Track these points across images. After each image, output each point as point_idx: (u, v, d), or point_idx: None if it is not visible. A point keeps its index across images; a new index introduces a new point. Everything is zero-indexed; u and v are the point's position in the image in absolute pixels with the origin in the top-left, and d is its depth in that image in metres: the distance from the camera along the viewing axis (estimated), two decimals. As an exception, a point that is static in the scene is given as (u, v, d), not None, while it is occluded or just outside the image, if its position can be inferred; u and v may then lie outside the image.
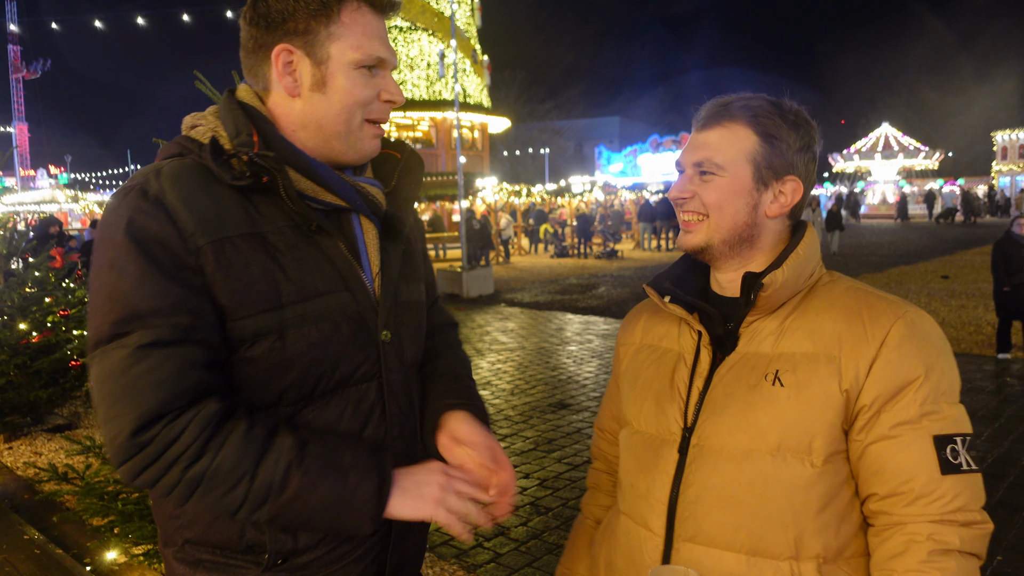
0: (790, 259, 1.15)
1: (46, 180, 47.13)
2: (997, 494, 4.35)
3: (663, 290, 1.26)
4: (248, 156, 1.07)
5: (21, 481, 4.89)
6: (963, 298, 11.61)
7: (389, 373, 1.19)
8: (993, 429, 5.46)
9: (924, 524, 1.05)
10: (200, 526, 1.14)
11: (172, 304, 1.01)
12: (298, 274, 1.10)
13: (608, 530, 1.34)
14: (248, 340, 1.07)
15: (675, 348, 1.26)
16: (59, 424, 6.08)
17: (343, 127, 1.15)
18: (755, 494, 1.11)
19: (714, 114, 1.19)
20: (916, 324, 1.12)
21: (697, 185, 1.19)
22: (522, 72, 49.59)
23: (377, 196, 1.21)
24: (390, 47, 1.17)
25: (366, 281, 1.17)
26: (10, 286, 5.79)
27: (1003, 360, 7.60)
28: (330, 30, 1.11)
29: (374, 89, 1.15)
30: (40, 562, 3.65)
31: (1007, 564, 3.55)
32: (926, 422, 1.07)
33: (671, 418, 1.20)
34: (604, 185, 29.81)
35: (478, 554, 3.78)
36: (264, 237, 1.09)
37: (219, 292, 1.05)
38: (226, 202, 1.08)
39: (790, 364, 1.12)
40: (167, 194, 1.05)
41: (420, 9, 26.73)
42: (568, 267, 19.26)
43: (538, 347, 9.09)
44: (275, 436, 1.05)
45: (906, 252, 19.88)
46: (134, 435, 0.98)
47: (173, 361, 1.00)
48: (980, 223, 33.23)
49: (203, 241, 1.04)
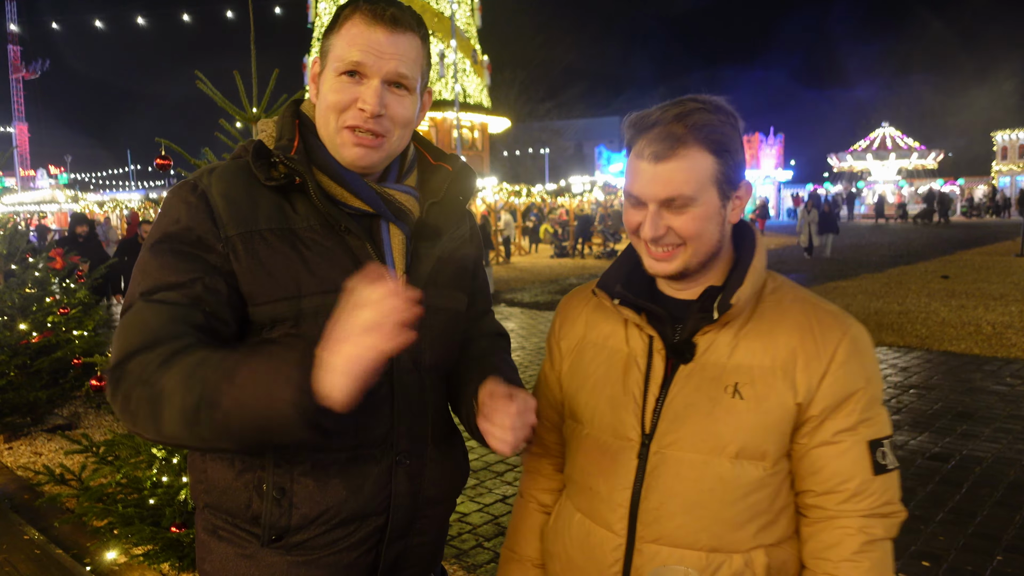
0: (750, 275, 1.20)
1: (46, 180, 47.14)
2: (996, 494, 4.35)
3: (613, 293, 1.27)
4: (280, 159, 1.19)
5: (21, 481, 4.89)
6: (963, 298, 11.61)
7: (401, 373, 1.24)
8: (993, 429, 5.46)
9: (856, 518, 1.16)
10: (216, 492, 1.24)
11: (190, 279, 1.13)
12: (321, 268, 1.18)
13: (562, 526, 1.35)
14: (267, 324, 1.17)
15: (624, 349, 1.28)
16: (59, 424, 6.07)
17: (324, 131, 1.23)
18: (715, 498, 1.17)
19: (666, 143, 1.13)
20: (858, 339, 1.20)
21: (669, 220, 1.16)
22: (522, 72, 49.62)
23: (406, 203, 1.27)
24: (377, 57, 1.17)
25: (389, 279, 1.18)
26: (10, 286, 5.79)
27: (1003, 360, 7.60)
28: (332, 40, 1.21)
29: (350, 96, 1.19)
30: (40, 562, 3.65)
31: (1007, 564, 3.55)
32: (862, 428, 1.17)
33: (628, 425, 1.23)
34: (604, 185, 29.81)
35: (478, 554, 3.78)
36: (295, 232, 1.19)
37: (243, 278, 1.16)
38: (264, 200, 1.20)
39: (748, 377, 1.18)
40: (212, 188, 1.19)
41: (420, 9, 26.72)
42: (568, 267, 19.26)
43: (538, 347, 9.08)
44: (217, 350, 1.04)
45: (906, 252, 19.88)
46: (115, 368, 1.08)
47: (168, 314, 1.10)
48: (955, 223, 33.32)
49: (233, 232, 1.16)
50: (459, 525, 4.13)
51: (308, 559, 1.22)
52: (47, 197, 33.81)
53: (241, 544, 1.22)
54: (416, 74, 1.22)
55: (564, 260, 21.59)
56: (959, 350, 8.14)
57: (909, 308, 10.86)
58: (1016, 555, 3.64)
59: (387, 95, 1.19)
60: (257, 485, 1.20)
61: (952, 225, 32.45)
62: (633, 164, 1.18)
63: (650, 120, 1.16)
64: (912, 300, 11.57)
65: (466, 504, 4.42)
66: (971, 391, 6.48)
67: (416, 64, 1.22)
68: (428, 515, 1.33)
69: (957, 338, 8.74)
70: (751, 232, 1.27)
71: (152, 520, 3.03)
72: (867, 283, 13.69)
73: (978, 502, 4.24)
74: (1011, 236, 22.73)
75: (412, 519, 1.30)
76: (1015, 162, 45.91)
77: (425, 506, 1.32)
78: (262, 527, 1.20)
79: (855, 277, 14.57)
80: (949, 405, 6.05)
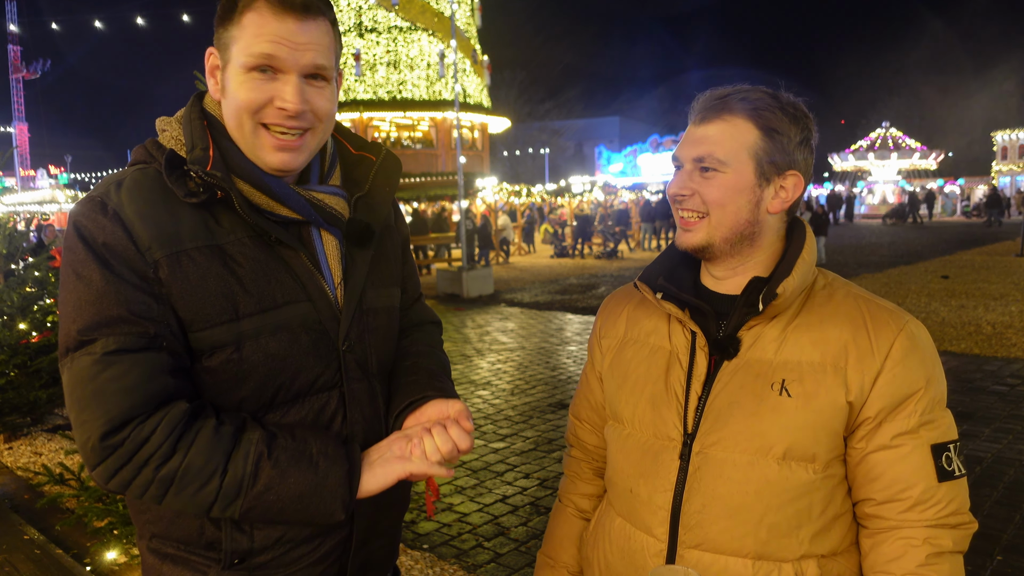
0: (798, 265, 1.14)
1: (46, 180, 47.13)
2: (996, 494, 4.35)
3: (656, 286, 1.24)
4: (197, 174, 1.08)
5: (21, 481, 4.89)
6: (963, 298, 11.61)
7: (351, 382, 1.19)
8: (993, 429, 5.46)
9: (920, 529, 1.09)
10: (164, 522, 1.16)
11: (135, 313, 1.03)
12: (256, 285, 1.10)
13: (602, 531, 1.32)
14: (206, 351, 1.09)
15: (666, 346, 1.24)
16: (59, 424, 6.07)
17: (238, 133, 1.12)
18: (762, 502, 1.11)
19: (712, 107, 1.15)
20: (916, 336, 1.13)
21: (698, 182, 1.16)
22: (522, 72, 49.69)
23: (336, 206, 1.19)
24: (292, 49, 1.07)
25: (328, 290, 1.17)
26: (10, 286, 5.79)
27: (1003, 360, 7.60)
28: (231, 32, 1.09)
29: (265, 94, 1.08)
30: (40, 562, 3.64)
31: (1007, 564, 3.55)
32: (924, 432, 1.11)
33: (670, 423, 1.19)
34: (604, 185, 29.78)
35: (478, 554, 3.78)
36: (223, 249, 1.10)
37: (177, 304, 1.07)
38: (184, 215, 1.09)
39: (796, 373, 1.12)
40: (125, 208, 1.06)
41: (420, 9, 26.72)
42: (568, 267, 19.25)
43: (538, 347, 9.09)
44: (243, 431, 1.07)
45: (906, 252, 19.88)
46: (103, 439, 1.01)
47: (140, 367, 1.02)
48: (929, 224, 33.02)
49: (159, 254, 1.05)
50: (459, 525, 4.13)
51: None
52: (47, 197, 33.75)
53: (197, 568, 1.15)
54: (332, 62, 1.13)
55: (564, 260, 21.57)
56: (959, 350, 8.14)
57: (909, 308, 10.85)
58: (1016, 555, 3.64)
59: (307, 89, 1.10)
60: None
61: (924, 226, 31.80)
62: (687, 130, 1.20)
63: (707, 94, 1.18)
64: (912, 300, 11.57)
65: (466, 504, 4.42)
66: (971, 391, 6.49)
67: (331, 51, 1.13)
68: (388, 517, 1.31)
69: (957, 338, 8.74)
70: (802, 227, 1.22)
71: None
72: (867, 283, 13.68)
73: (978, 502, 4.24)
74: (1011, 236, 22.75)
75: (374, 525, 1.26)
76: (1015, 162, 45.89)
77: (386, 509, 1.28)
78: (222, 552, 1.14)
79: (855, 277, 14.56)
80: (949, 405, 6.01)
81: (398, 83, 26.88)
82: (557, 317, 11.38)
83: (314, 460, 1.07)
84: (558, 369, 7.89)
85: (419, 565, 3.65)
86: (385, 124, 28.40)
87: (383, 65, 26.88)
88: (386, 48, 27.02)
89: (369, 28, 27.08)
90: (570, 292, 14.22)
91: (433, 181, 21.76)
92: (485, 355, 8.73)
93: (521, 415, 6.22)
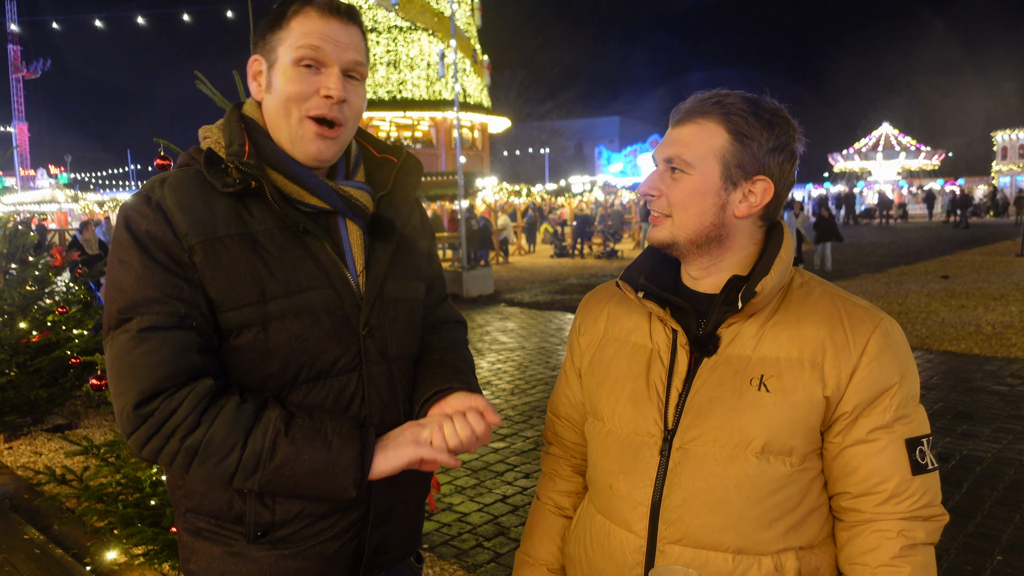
0: (776, 265, 1.17)
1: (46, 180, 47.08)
2: (996, 494, 4.35)
3: (637, 285, 1.26)
4: (234, 164, 1.19)
5: (21, 481, 4.89)
6: (963, 298, 11.61)
7: (370, 366, 1.26)
8: (993, 429, 5.46)
9: (895, 521, 1.12)
10: (197, 496, 1.25)
11: (168, 294, 1.14)
12: (283, 271, 1.19)
13: (583, 529, 1.32)
14: (234, 331, 1.18)
15: (647, 344, 1.25)
16: (59, 424, 6.07)
17: (283, 123, 1.23)
18: (741, 496, 1.13)
19: (689, 110, 1.19)
20: (891, 333, 1.16)
21: (667, 183, 1.19)
22: (522, 72, 49.65)
23: (362, 199, 1.28)
24: (335, 46, 1.21)
25: (351, 278, 1.26)
26: (10, 284, 5.79)
27: (1003, 360, 7.60)
28: (279, 36, 1.22)
29: (311, 85, 1.20)
30: (40, 562, 3.65)
31: (1006, 564, 3.55)
32: (899, 426, 1.14)
33: (650, 420, 1.20)
34: (604, 185, 29.80)
35: (478, 554, 3.78)
36: (254, 237, 1.20)
37: (209, 286, 1.16)
38: (220, 206, 1.20)
39: (774, 369, 1.14)
40: (167, 200, 1.18)
41: (420, 9, 26.72)
42: (568, 267, 19.26)
43: (538, 347, 9.09)
44: (264, 409, 1.15)
45: (906, 252, 19.88)
46: (136, 407, 1.10)
47: (170, 344, 1.12)
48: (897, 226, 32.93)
49: (195, 240, 1.16)
50: (459, 525, 4.14)
51: (294, 551, 1.24)
52: (47, 197, 33.76)
53: (227, 542, 1.24)
54: (366, 64, 1.27)
55: (564, 260, 21.58)
56: (959, 350, 8.14)
57: (909, 308, 10.85)
58: (1016, 555, 3.64)
59: (346, 83, 1.22)
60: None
61: (889, 228, 31.55)
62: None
63: (690, 98, 1.21)
64: (912, 300, 11.57)
65: (466, 504, 4.42)
66: (971, 391, 6.47)
67: (365, 55, 1.26)
68: (406, 499, 1.36)
69: (957, 338, 8.74)
70: (779, 227, 1.24)
71: (152, 520, 3.03)
72: (867, 283, 13.69)
73: (978, 502, 4.25)
74: (1011, 236, 22.75)
75: (392, 505, 1.32)
76: (1015, 162, 45.88)
77: (403, 491, 1.33)
78: (246, 525, 1.22)
79: (855, 277, 14.57)
80: (949, 405, 6.05)
81: (398, 83, 26.88)
82: (557, 317, 11.38)
83: (328, 439, 1.14)
84: (558, 369, 7.89)
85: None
86: (385, 124, 28.41)
87: (383, 65, 26.88)
88: (386, 48, 27.01)
89: (369, 28, 27.07)
90: (570, 292, 14.22)
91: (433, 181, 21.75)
92: (485, 355, 8.73)
93: (521, 415, 6.23)
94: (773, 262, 1.17)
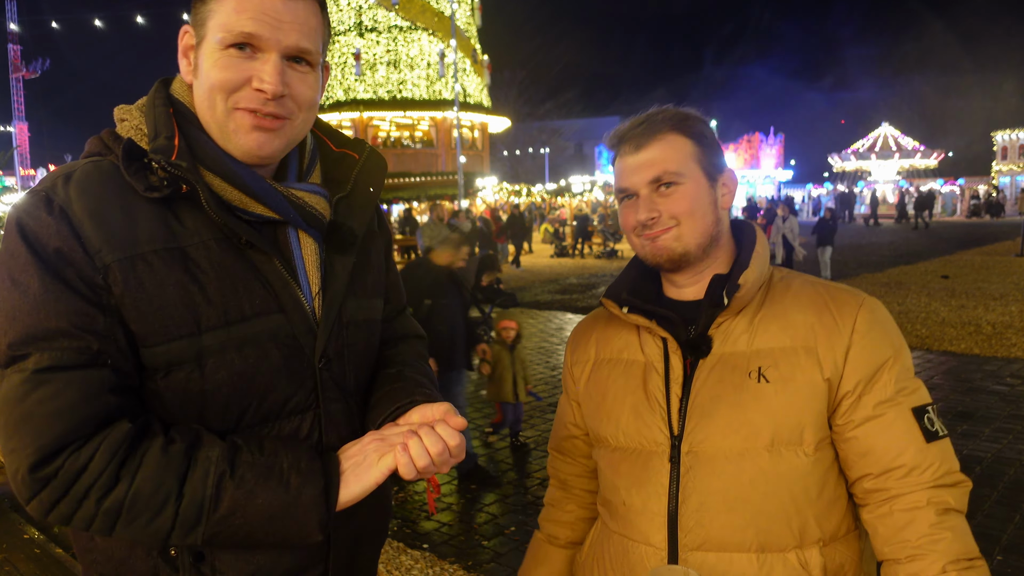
0: (754, 259, 1.21)
1: (46, 180, 47.06)
2: (996, 494, 4.35)
3: (621, 301, 1.27)
4: (160, 164, 0.96)
5: (21, 481, 4.90)
6: (963, 298, 11.61)
7: (327, 403, 1.08)
8: (993, 429, 5.46)
9: (922, 492, 1.11)
10: (112, 563, 1.02)
11: (76, 325, 0.91)
12: (221, 295, 0.98)
13: (598, 551, 1.31)
14: (161, 369, 0.96)
15: (640, 358, 1.26)
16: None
17: (209, 115, 1.01)
18: (758, 491, 1.13)
19: (639, 134, 1.21)
20: (876, 309, 1.19)
21: (662, 202, 1.20)
22: (522, 72, 49.68)
23: (317, 206, 1.07)
24: (274, 26, 0.98)
25: (304, 301, 1.05)
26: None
27: (1003, 360, 7.60)
28: (209, 6, 0.99)
29: (241, 73, 0.98)
30: (40, 562, 3.65)
31: (1006, 564, 3.55)
32: (902, 398, 1.14)
33: (655, 429, 1.19)
34: (604, 185, 29.82)
35: (478, 554, 3.78)
36: (185, 252, 0.97)
37: (128, 315, 0.94)
38: (142, 213, 0.96)
39: (771, 359, 1.16)
40: (73, 204, 0.94)
41: (420, 9, 26.76)
42: (568, 267, 19.25)
43: (538, 347, 9.09)
44: (198, 448, 0.94)
45: (906, 252, 19.88)
46: (33, 470, 0.88)
47: (76, 387, 0.90)
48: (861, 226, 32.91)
49: (111, 259, 0.93)
50: (459, 525, 4.14)
51: None
52: (47, 197, 33.70)
53: None
54: (318, 47, 1.03)
55: (564, 260, 21.57)
56: (959, 350, 8.14)
57: (909, 308, 10.86)
58: (1016, 555, 3.64)
59: (288, 72, 1.00)
60: (162, 551, 1.00)
61: (869, 228, 31.40)
62: (618, 165, 1.25)
63: (626, 127, 1.25)
64: (912, 300, 11.57)
65: (466, 504, 4.42)
66: (971, 391, 6.47)
67: (318, 35, 1.03)
68: (365, 553, 1.19)
69: (957, 338, 8.74)
70: (750, 226, 1.29)
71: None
72: (867, 283, 13.68)
73: (978, 502, 4.24)
74: (1011, 236, 22.75)
75: (352, 561, 1.15)
76: (1015, 162, 45.88)
77: (363, 544, 1.17)
78: None
79: (855, 277, 14.56)
80: (949, 405, 6.05)
81: (398, 83, 26.90)
82: (557, 317, 11.38)
83: (284, 476, 0.95)
84: (558, 369, 7.89)
85: (419, 565, 3.65)
86: (385, 124, 28.42)
87: (383, 65, 26.89)
88: (386, 48, 27.04)
89: (369, 28, 27.09)
90: (570, 292, 14.22)
91: (433, 181, 21.79)
92: (485, 355, 8.72)
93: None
94: (751, 256, 1.21)
